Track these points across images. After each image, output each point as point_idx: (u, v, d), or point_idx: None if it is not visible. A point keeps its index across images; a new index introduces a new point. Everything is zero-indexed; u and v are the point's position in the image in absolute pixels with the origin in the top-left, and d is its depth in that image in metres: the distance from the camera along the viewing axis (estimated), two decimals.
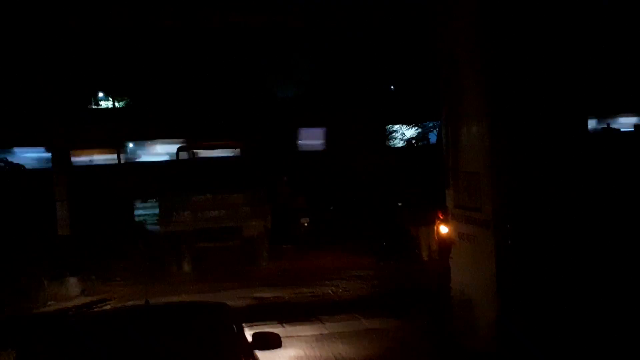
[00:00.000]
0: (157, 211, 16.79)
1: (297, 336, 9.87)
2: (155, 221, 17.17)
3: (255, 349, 5.82)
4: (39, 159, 25.62)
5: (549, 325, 7.79)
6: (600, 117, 28.08)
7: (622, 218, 9.45)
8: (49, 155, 18.85)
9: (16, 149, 27.51)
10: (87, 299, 13.05)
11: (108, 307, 12.27)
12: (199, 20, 16.04)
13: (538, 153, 8.04)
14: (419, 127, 26.87)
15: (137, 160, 30.19)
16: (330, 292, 12.93)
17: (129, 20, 15.84)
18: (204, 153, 19.73)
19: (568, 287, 7.87)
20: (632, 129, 28.50)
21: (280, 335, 6.18)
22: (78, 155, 24.60)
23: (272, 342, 5.99)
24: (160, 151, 28.62)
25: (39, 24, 15.41)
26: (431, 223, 13.94)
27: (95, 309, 12.17)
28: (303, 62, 30.19)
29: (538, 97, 8.07)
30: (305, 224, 18.03)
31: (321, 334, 10.02)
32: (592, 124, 27.97)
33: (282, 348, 6.36)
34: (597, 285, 7.94)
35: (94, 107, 31.96)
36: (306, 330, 10.22)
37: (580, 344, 7.66)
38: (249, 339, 5.87)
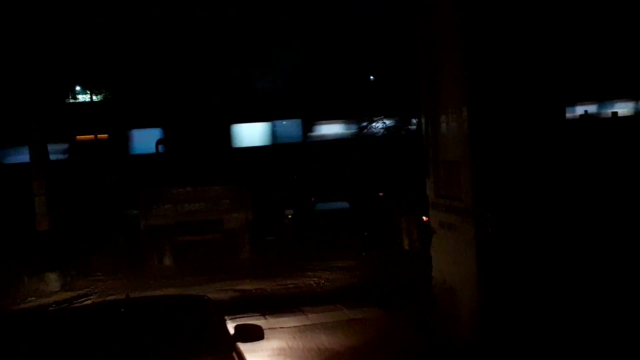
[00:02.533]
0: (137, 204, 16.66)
1: (280, 328, 9.88)
2: (136, 215, 17.06)
3: (238, 341, 5.81)
4: None
5: (531, 313, 7.85)
6: (599, 102, 28.42)
7: (602, 204, 9.54)
8: None
9: None
10: (68, 295, 12.96)
11: (89, 302, 12.19)
12: (179, 13, 15.93)
13: (516, 141, 8.08)
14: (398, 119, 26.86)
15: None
16: (312, 283, 12.94)
17: (109, 14, 15.70)
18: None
19: (547, 275, 7.92)
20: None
21: (263, 327, 6.17)
22: None
23: (254, 334, 5.98)
24: None
25: (15, 16, 15.22)
26: (412, 212, 13.98)
27: (76, 304, 12.08)
28: (283, 55, 30.10)
29: (516, 85, 8.11)
30: (289, 216, 18.02)
31: (304, 325, 10.02)
32: (592, 109, 28.41)
33: (264, 340, 6.36)
34: (577, 270, 8.01)
35: (71, 100, 31.61)
36: (289, 321, 10.23)
37: (562, 330, 7.73)
38: (232, 331, 5.85)
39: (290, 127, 29.80)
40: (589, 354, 7.52)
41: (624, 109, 31.38)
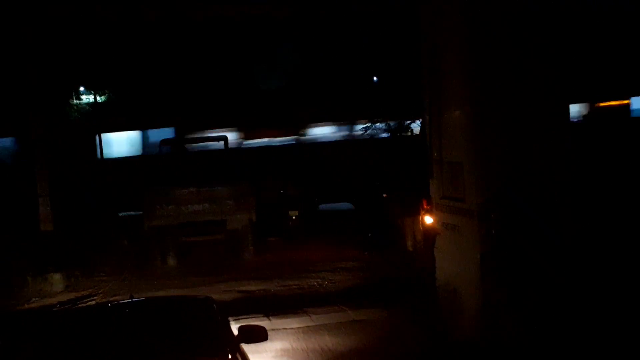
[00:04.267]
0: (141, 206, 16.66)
1: (284, 329, 9.88)
2: (139, 215, 17.08)
3: (242, 342, 5.81)
4: None
5: (533, 313, 7.84)
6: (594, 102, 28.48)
7: (605, 202, 9.52)
8: None
9: None
10: (72, 295, 12.97)
11: (93, 302, 12.21)
12: (181, 12, 15.95)
13: (521, 141, 8.07)
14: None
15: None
16: (316, 284, 12.93)
17: (112, 13, 15.73)
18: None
19: (552, 276, 7.91)
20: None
21: (267, 328, 6.18)
22: None
23: (258, 335, 5.99)
24: None
25: (19, 15, 15.25)
26: (416, 213, 13.94)
27: (80, 305, 12.09)
28: (287, 55, 30.13)
29: (520, 85, 8.09)
30: (294, 217, 18.02)
31: (307, 326, 10.02)
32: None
33: (268, 341, 6.37)
34: (581, 271, 7.99)
35: (75, 101, 31.65)
36: (292, 322, 10.23)
37: (565, 331, 7.71)
38: (235, 332, 5.86)
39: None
40: (594, 354, 7.51)
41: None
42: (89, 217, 18.62)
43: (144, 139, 31.85)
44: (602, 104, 29.01)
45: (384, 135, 23.37)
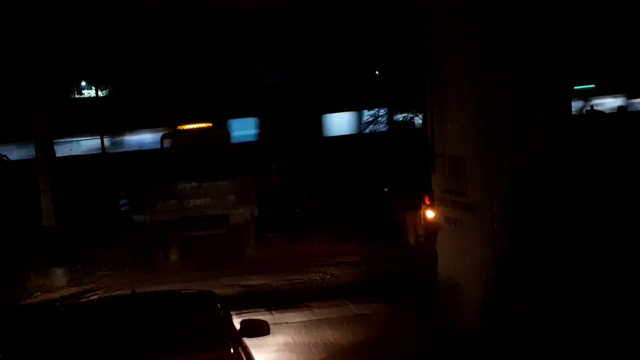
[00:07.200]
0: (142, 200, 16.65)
1: (286, 323, 9.89)
2: (141, 210, 17.07)
3: (244, 336, 5.82)
4: None
5: (536, 307, 7.83)
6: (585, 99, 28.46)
7: (606, 196, 9.48)
8: None
9: None
10: (74, 290, 12.98)
11: (95, 297, 12.22)
12: (181, 5, 15.89)
13: (523, 136, 8.05)
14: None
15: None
16: (318, 278, 12.94)
17: (112, 7, 15.67)
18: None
19: (554, 270, 7.90)
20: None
21: (269, 322, 6.18)
22: None
23: (260, 329, 5.99)
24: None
25: (19, 12, 15.21)
26: (418, 208, 13.96)
27: (82, 299, 12.11)
28: (289, 49, 30.12)
29: (523, 80, 8.07)
30: (305, 205, 18.19)
31: (309, 321, 10.03)
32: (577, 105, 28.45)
33: (270, 335, 6.37)
34: (582, 265, 7.97)
35: (76, 96, 31.67)
36: (294, 317, 10.24)
37: (567, 326, 7.70)
38: (237, 326, 5.86)
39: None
40: (595, 351, 7.49)
41: (613, 104, 31.78)
42: (92, 211, 18.63)
43: None
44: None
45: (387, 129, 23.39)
